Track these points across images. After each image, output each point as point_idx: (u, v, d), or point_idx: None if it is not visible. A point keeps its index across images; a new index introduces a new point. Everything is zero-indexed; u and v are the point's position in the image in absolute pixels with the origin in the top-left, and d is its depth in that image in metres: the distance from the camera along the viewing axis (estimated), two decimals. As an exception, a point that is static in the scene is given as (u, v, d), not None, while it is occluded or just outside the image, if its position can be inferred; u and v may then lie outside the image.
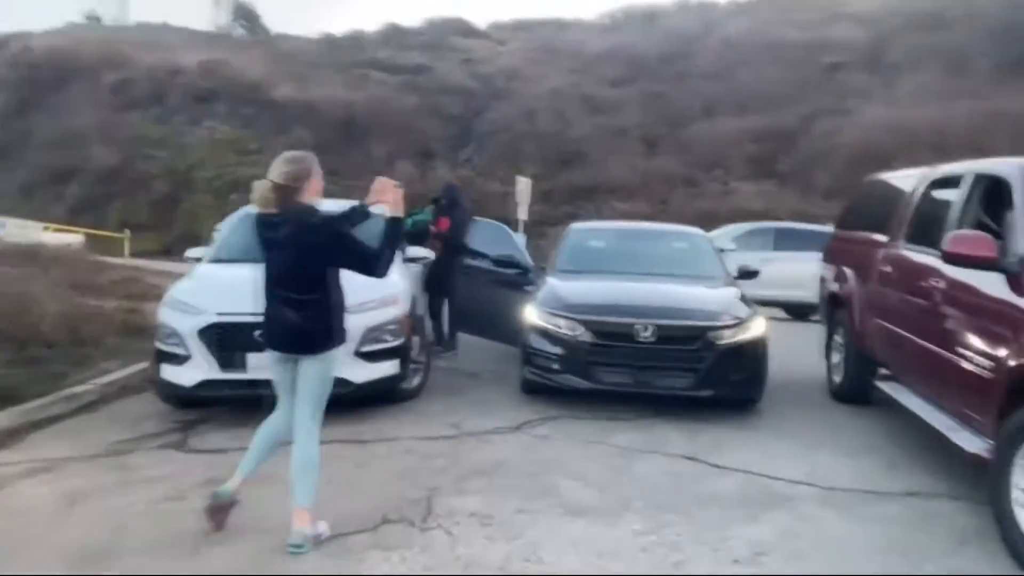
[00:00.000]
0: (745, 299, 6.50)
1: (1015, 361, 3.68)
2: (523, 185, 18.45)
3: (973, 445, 4.09)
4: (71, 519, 4.00)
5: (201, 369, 5.53)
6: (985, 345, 4.04)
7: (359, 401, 5.77)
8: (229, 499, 3.77)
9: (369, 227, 3.92)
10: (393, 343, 5.82)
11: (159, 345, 5.72)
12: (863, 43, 34.92)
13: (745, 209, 23.94)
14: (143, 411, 6.08)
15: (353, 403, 5.74)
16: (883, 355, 5.88)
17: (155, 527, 3.90)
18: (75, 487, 4.40)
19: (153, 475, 4.69)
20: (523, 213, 17.87)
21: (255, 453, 3.86)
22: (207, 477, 4.45)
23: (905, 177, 6.27)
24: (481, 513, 4.02)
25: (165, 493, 4.36)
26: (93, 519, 3.98)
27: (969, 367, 4.16)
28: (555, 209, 26.56)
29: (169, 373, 5.67)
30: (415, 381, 6.28)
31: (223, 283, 5.90)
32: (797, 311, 12.47)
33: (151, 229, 29.98)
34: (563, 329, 6.03)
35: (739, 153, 29.65)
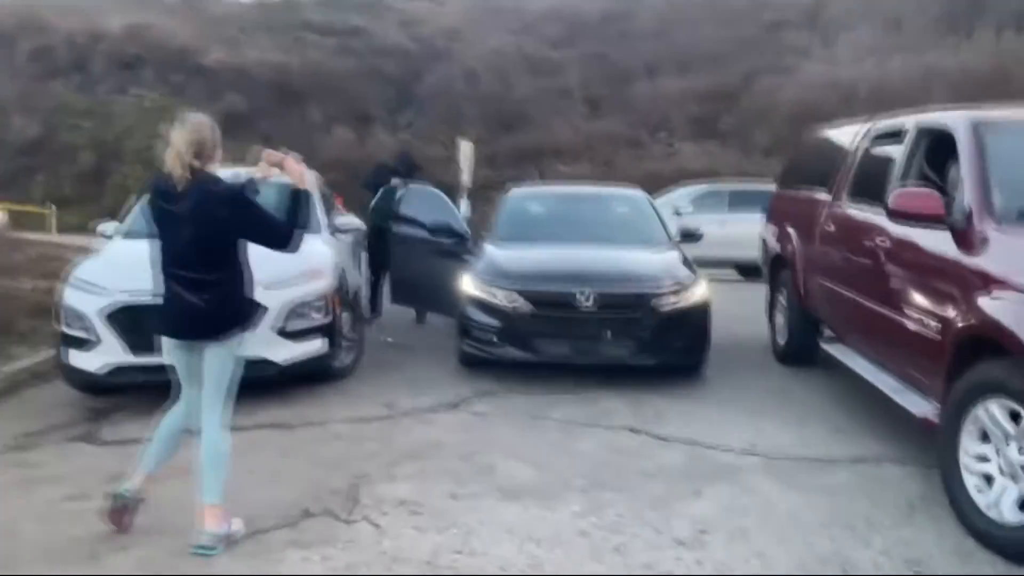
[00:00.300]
0: (687, 262, 6.31)
1: (963, 322, 3.54)
2: (466, 149, 17.91)
3: (920, 408, 3.96)
4: (-44, 527, 3.63)
5: (111, 354, 5.13)
6: (932, 305, 3.90)
7: (286, 383, 5.45)
8: (132, 499, 3.44)
9: (271, 200, 3.60)
10: (319, 320, 5.49)
11: (63, 329, 5.29)
12: (803, 1, 34.97)
13: (688, 169, 23.92)
14: (53, 400, 5.65)
15: (280, 385, 5.43)
16: (827, 316, 5.77)
17: (52, 531, 3.56)
18: (-35, 489, 4.02)
19: (57, 472, 4.32)
20: (467, 178, 17.42)
21: (157, 448, 3.54)
22: (116, 472, 4.05)
23: (846, 131, 6.11)
24: (411, 501, 3.76)
25: (68, 492, 4.01)
26: (-19, 526, 3.62)
27: (915, 328, 4.02)
28: (499, 173, 26.08)
29: (76, 359, 5.26)
30: (347, 359, 5.97)
31: (133, 260, 5.37)
32: (749, 271, 12.47)
33: (79, 203, 28.66)
34: (500, 299, 5.76)
35: (682, 113, 29.56)
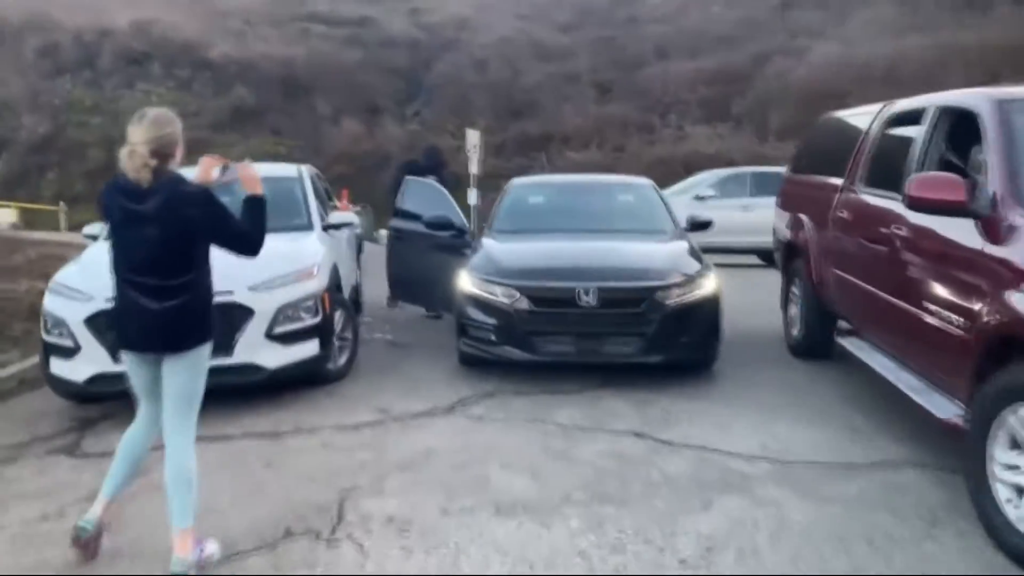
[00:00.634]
0: (696, 253, 6.04)
1: (991, 319, 3.26)
2: (473, 138, 17.73)
3: (945, 411, 3.69)
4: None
5: (92, 362, 4.92)
6: (957, 299, 3.62)
7: (277, 387, 5.24)
8: (95, 530, 3.24)
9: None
10: (310, 321, 5.26)
11: (45, 336, 5.10)
12: (814, -21, 34.33)
13: (701, 153, 23.59)
14: (40, 408, 5.47)
15: (270, 390, 5.22)
16: (843, 308, 5.48)
17: (20, 555, 3.37)
18: (-66, 510, 3.83)
19: (34, 488, 4.13)
20: (475, 167, 17.20)
21: (117, 471, 3.31)
22: (94, 488, 3.85)
23: (861, 114, 5.81)
24: (399, 518, 3.53)
25: (43, 510, 3.81)
26: (-55, 551, 3.43)
27: (938, 324, 3.74)
28: (508, 162, 25.87)
29: (58, 367, 5.07)
30: (341, 360, 5.74)
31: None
32: (771, 257, 12.18)
33: (89, 200, 28.63)
34: (499, 296, 5.52)
35: (693, 96, 29.09)
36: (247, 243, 3.20)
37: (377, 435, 4.63)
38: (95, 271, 5.28)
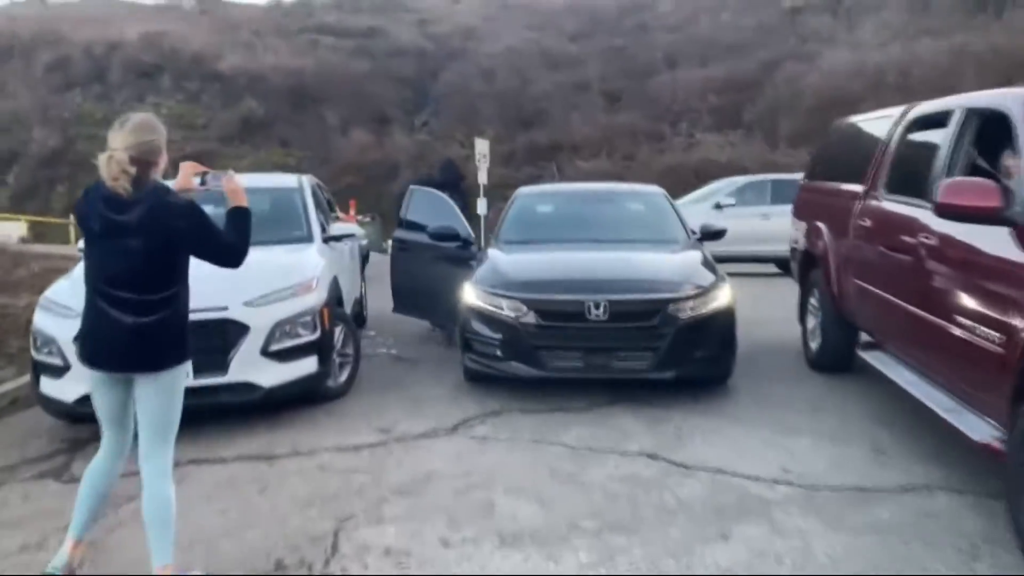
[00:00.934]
0: (709, 263, 5.81)
1: (1031, 334, 3.03)
2: (482, 147, 17.61)
3: (980, 432, 3.44)
4: None
5: (82, 381, 4.69)
6: (992, 313, 3.38)
7: (274, 406, 5.04)
8: (65, 573, 3.04)
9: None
10: (309, 337, 5.05)
11: (34, 355, 4.92)
12: (823, -15, 34.11)
13: (712, 161, 23.36)
14: (32, 428, 5.29)
15: (266, 409, 5.02)
16: (865, 321, 5.24)
17: (-3, 590, 3.17)
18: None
19: (18, 515, 3.94)
20: (483, 176, 17.06)
21: (83, 507, 3.10)
22: (79, 515, 3.70)
23: (881, 118, 5.58)
24: (397, 549, 3.32)
25: (24, 540, 3.62)
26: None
27: (971, 339, 3.50)
28: (517, 171, 25.73)
29: (48, 387, 4.88)
30: (341, 377, 5.54)
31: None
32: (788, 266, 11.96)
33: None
34: (505, 310, 5.30)
35: (703, 104, 28.88)
36: (231, 255, 3.04)
37: (377, 457, 4.42)
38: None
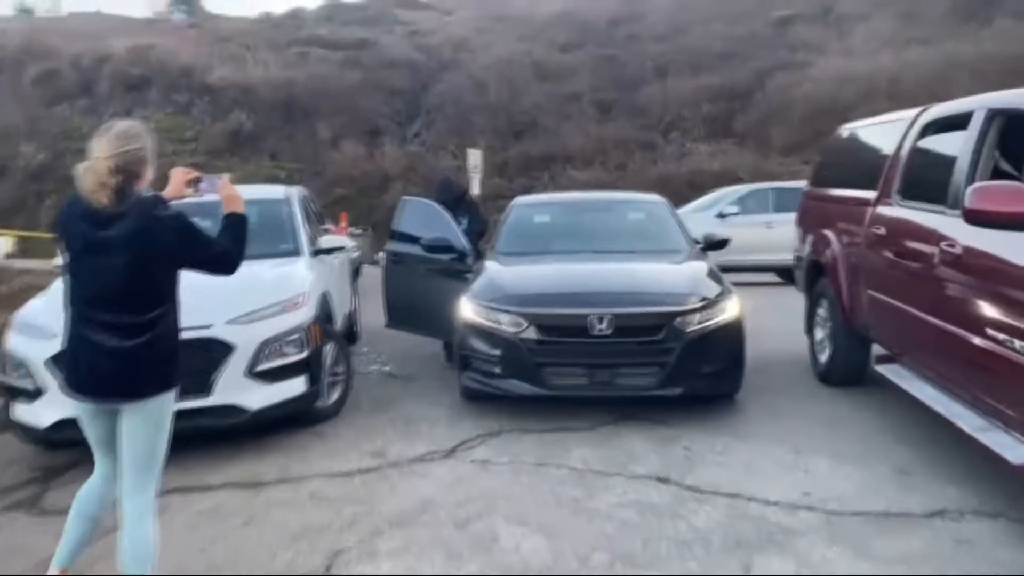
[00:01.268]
0: (715, 274, 5.59)
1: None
2: (474, 158, 17.43)
3: (1018, 455, 3.21)
4: None
5: (57, 406, 4.44)
6: (1025, 326, 3.16)
7: (261, 429, 4.78)
8: None
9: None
10: (297, 356, 4.80)
11: (3, 379, 4.65)
12: (813, -6, 34.21)
13: (704, 171, 23.25)
14: (4, 455, 5.02)
15: (253, 433, 4.76)
16: (880, 333, 5.02)
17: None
18: None
19: (-17, 553, 3.67)
20: (476, 187, 16.85)
21: (72, 533, 2.89)
22: (50, 551, 3.42)
23: (891, 121, 5.38)
24: (392, 588, 3.07)
25: (-12, 582, 3.35)
26: None
27: (1007, 353, 3.28)
28: (511, 182, 25.57)
29: (21, 412, 4.61)
30: (332, 398, 5.27)
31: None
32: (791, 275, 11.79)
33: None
34: (504, 325, 5.06)
35: (695, 114, 28.81)
36: (225, 264, 2.86)
37: (370, 484, 4.16)
38: (61, 305, 4.86)
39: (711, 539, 3.38)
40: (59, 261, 5.73)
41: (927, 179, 4.46)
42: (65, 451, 4.82)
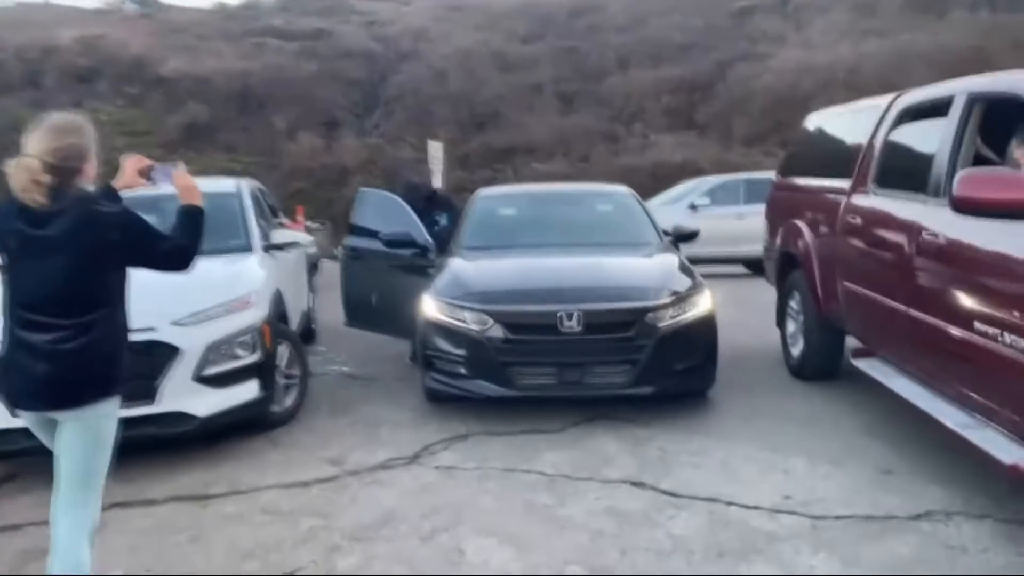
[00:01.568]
0: (686, 267, 5.41)
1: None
2: (435, 150, 17.06)
3: (1009, 453, 3.07)
4: None
5: (-8, 415, 4.13)
6: (1014, 319, 3.02)
7: (212, 437, 4.49)
8: None
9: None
10: (248, 359, 4.52)
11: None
12: (773, -14, 34.44)
13: (667, 162, 23.23)
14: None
15: (203, 441, 4.47)
16: (856, 326, 4.89)
17: None
18: None
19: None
20: (438, 180, 16.51)
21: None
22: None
23: (864, 108, 5.25)
24: (352, 612, 2.83)
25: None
26: None
27: (996, 348, 3.13)
28: (473, 174, 25.26)
29: (-51, 424, 4.26)
30: (287, 402, 5.00)
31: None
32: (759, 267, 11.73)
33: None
34: (469, 323, 4.83)
35: (656, 105, 28.85)
36: (178, 258, 2.62)
37: (328, 495, 3.90)
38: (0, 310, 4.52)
39: (692, 548, 3.20)
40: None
41: (905, 167, 4.32)
42: (5, 462, 4.50)
